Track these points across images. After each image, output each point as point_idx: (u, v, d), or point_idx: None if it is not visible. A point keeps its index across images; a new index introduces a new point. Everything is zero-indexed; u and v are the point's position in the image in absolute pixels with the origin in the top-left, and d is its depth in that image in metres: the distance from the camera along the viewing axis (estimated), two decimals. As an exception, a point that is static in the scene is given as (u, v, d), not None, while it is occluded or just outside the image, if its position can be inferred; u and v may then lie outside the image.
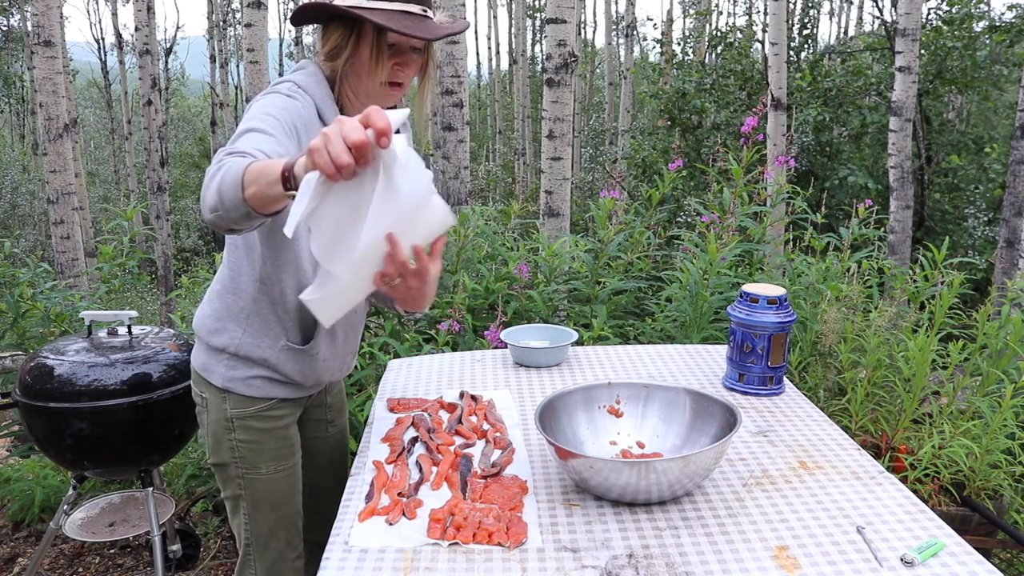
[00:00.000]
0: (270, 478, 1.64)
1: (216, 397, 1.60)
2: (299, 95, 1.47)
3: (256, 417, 1.60)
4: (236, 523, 1.69)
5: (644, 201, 3.57)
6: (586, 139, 17.94)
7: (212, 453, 1.64)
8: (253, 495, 1.64)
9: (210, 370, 1.60)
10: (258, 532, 1.66)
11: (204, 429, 1.65)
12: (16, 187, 15.57)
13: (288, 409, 1.65)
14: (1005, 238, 5.27)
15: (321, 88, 1.51)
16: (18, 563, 2.84)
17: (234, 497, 1.66)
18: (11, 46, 16.52)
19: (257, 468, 1.62)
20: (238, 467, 1.62)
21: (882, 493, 1.41)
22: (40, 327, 3.24)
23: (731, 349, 1.89)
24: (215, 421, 1.61)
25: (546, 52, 4.28)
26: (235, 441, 1.61)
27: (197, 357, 1.65)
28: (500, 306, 2.90)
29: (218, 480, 1.68)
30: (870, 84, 8.89)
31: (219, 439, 1.62)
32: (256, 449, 1.62)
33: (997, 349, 2.36)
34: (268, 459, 1.63)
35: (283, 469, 1.65)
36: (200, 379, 1.63)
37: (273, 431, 1.63)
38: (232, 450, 1.61)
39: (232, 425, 1.60)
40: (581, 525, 1.31)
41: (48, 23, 5.31)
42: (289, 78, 1.52)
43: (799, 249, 3.17)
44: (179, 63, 27.18)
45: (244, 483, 1.63)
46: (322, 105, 1.50)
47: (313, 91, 1.50)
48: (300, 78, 1.51)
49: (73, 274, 5.44)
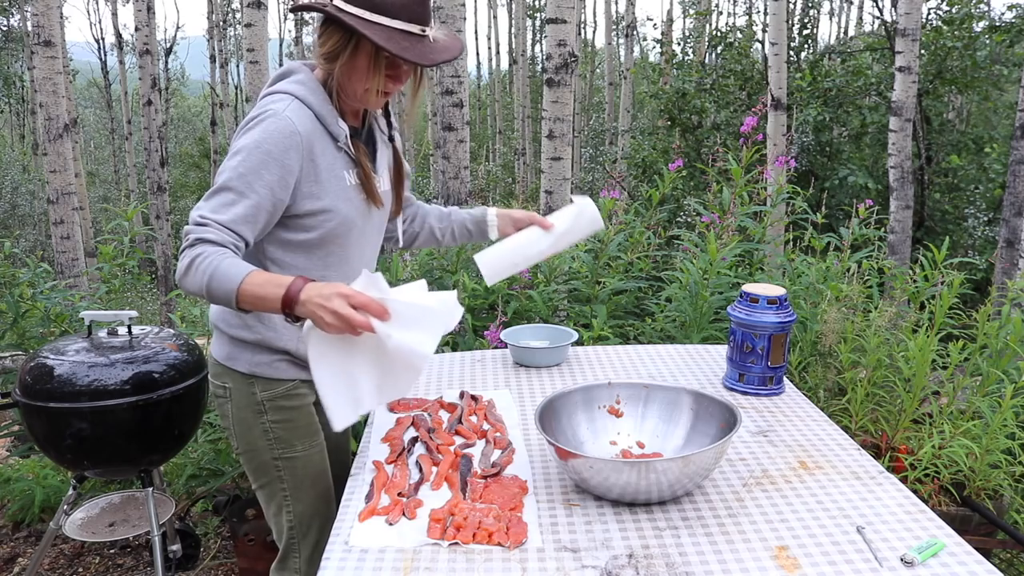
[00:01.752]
0: (307, 455, 1.66)
1: (243, 384, 1.62)
2: (294, 113, 1.47)
3: (285, 396, 1.63)
4: (273, 511, 1.69)
5: (644, 201, 3.57)
6: (586, 139, 17.94)
7: (241, 441, 1.66)
8: (293, 474, 1.65)
9: (235, 358, 1.62)
10: (301, 513, 1.68)
11: (229, 420, 1.66)
12: (16, 187, 15.57)
13: (309, 389, 1.66)
14: (1005, 238, 5.27)
15: (317, 95, 1.52)
16: (18, 563, 2.84)
17: (270, 483, 1.67)
18: (11, 46, 16.53)
19: (293, 446, 1.65)
20: (273, 449, 1.64)
21: (882, 493, 1.41)
22: (40, 327, 3.24)
23: (731, 349, 1.89)
24: (243, 407, 1.63)
25: (546, 52, 4.28)
26: (268, 423, 1.63)
27: (219, 348, 1.66)
28: (500, 306, 2.90)
29: (250, 471, 1.69)
30: (870, 84, 8.89)
31: (249, 425, 1.63)
32: (290, 427, 1.64)
33: (997, 349, 2.36)
34: (302, 435, 1.66)
35: (316, 444, 1.69)
36: (224, 370, 1.64)
37: (302, 408, 1.66)
38: (265, 433, 1.63)
39: (263, 407, 1.62)
40: (581, 525, 1.31)
41: (48, 23, 5.31)
42: (284, 90, 1.51)
43: (799, 249, 3.17)
44: (179, 63, 27.19)
45: (282, 464, 1.65)
46: (321, 112, 1.51)
47: (309, 100, 1.50)
48: (295, 89, 1.51)
49: (73, 274, 5.44)
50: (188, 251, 1.38)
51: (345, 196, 1.55)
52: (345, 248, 1.60)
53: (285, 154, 1.44)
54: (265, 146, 1.43)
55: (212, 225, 1.39)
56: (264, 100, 1.53)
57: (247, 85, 6.01)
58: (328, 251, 1.57)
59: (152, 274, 10.94)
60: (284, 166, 1.45)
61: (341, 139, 1.54)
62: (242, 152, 1.44)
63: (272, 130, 1.44)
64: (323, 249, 1.57)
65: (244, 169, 1.42)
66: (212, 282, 1.35)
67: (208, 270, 1.34)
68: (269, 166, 1.43)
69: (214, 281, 1.34)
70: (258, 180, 1.43)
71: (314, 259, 1.57)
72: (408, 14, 1.44)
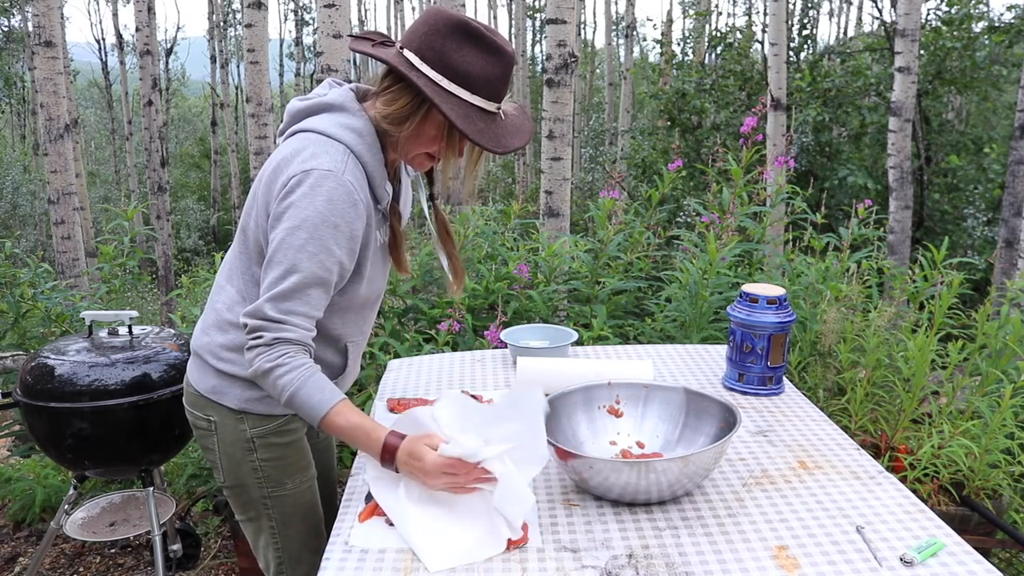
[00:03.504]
0: (296, 492, 1.57)
1: (230, 419, 1.50)
2: (352, 175, 1.34)
3: (276, 433, 1.52)
4: (261, 544, 1.61)
5: (644, 201, 3.57)
6: (586, 139, 17.94)
7: (228, 476, 1.55)
8: (281, 512, 1.57)
9: (222, 392, 1.49)
10: (289, 548, 1.59)
11: (215, 454, 1.54)
12: (17, 187, 15.57)
13: (301, 422, 1.57)
14: (1004, 238, 5.27)
15: (374, 153, 1.39)
16: (19, 563, 2.85)
17: (257, 518, 1.58)
18: (12, 46, 16.53)
19: (283, 484, 1.55)
20: (262, 487, 1.54)
21: (881, 493, 1.41)
22: (41, 327, 3.24)
23: (731, 349, 1.90)
24: (231, 444, 1.51)
25: (546, 52, 4.28)
26: (257, 461, 1.52)
27: (202, 380, 1.52)
28: (500, 306, 2.90)
29: (235, 504, 1.59)
30: (869, 84, 8.90)
31: (237, 461, 1.52)
32: (280, 465, 1.54)
33: (996, 349, 2.36)
34: (292, 472, 1.56)
35: (306, 480, 1.59)
36: (207, 402, 1.51)
37: (293, 444, 1.55)
38: (255, 471, 1.53)
39: (253, 445, 1.51)
40: (581, 525, 1.31)
41: (49, 24, 5.31)
42: (339, 138, 1.36)
43: (799, 249, 3.17)
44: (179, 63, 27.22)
45: (271, 502, 1.55)
46: (373, 173, 1.40)
47: (366, 158, 1.38)
48: (352, 140, 1.37)
49: (74, 274, 5.45)
50: (265, 353, 1.31)
51: (375, 258, 1.46)
52: (368, 303, 1.53)
53: (352, 225, 1.33)
54: (332, 219, 1.31)
55: (289, 322, 1.31)
56: (311, 141, 1.36)
57: (247, 85, 6.01)
58: (351, 310, 1.49)
59: (152, 274, 10.93)
60: (352, 238, 1.34)
61: (384, 203, 1.44)
62: (306, 227, 1.30)
63: (337, 199, 1.31)
64: (346, 308, 1.48)
65: (314, 248, 1.30)
66: (293, 399, 1.31)
67: (290, 388, 1.30)
68: (339, 240, 1.32)
69: (296, 399, 1.31)
70: (329, 258, 1.32)
71: (337, 315, 1.47)
72: (489, 91, 1.33)
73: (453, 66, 1.30)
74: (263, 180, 1.39)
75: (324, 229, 1.30)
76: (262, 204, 1.38)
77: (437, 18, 1.33)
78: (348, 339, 1.54)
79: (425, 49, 1.31)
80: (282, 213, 1.32)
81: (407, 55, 1.32)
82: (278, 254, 1.32)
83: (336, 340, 1.53)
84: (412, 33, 1.34)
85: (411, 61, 1.31)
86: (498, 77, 1.34)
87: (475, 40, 1.31)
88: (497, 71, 1.34)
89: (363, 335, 1.59)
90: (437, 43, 1.31)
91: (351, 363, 1.58)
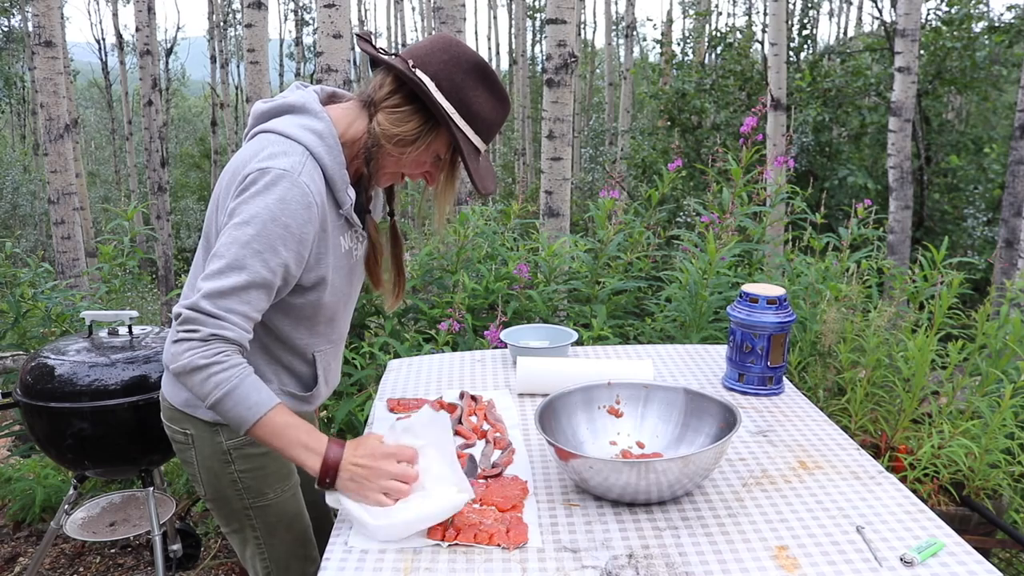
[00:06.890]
0: (279, 501, 1.56)
1: (206, 432, 1.48)
2: (310, 177, 1.31)
3: (253, 443, 1.49)
4: (248, 555, 1.59)
5: (644, 201, 3.58)
6: (586, 139, 17.94)
7: (208, 489, 1.53)
8: (265, 523, 1.55)
9: (195, 405, 1.47)
10: (276, 557, 1.58)
11: (194, 467, 1.52)
12: (17, 187, 15.58)
13: None
14: (1004, 238, 5.28)
15: (334, 155, 1.36)
16: (19, 563, 2.85)
17: (241, 530, 1.57)
18: (12, 47, 16.54)
19: (264, 494, 1.53)
20: (243, 498, 1.52)
21: (881, 493, 1.41)
22: (41, 327, 3.25)
23: (731, 349, 1.90)
24: (208, 456, 1.50)
25: (546, 52, 4.28)
26: (236, 473, 1.50)
27: (175, 393, 1.49)
28: (500, 306, 2.90)
29: (218, 516, 1.58)
30: (869, 84, 8.90)
31: (216, 474, 1.51)
32: (260, 476, 1.52)
33: (996, 349, 2.36)
34: (273, 482, 1.54)
35: (289, 488, 1.58)
36: (181, 415, 1.49)
37: (271, 453, 1.50)
38: (234, 483, 1.51)
39: (230, 457, 1.49)
40: (581, 525, 1.31)
41: (49, 24, 5.31)
42: (298, 139, 1.34)
43: (799, 249, 3.18)
44: (179, 63, 27.23)
45: (253, 513, 1.54)
46: (333, 176, 1.37)
47: (325, 161, 1.35)
48: (311, 142, 1.34)
49: (74, 274, 5.45)
50: (199, 349, 1.25)
51: (338, 264, 1.44)
52: (334, 313, 1.50)
53: (303, 228, 1.31)
54: (283, 219, 1.28)
55: (227, 319, 1.27)
56: (270, 142, 1.34)
57: (247, 85, 6.01)
58: (316, 319, 1.47)
59: (152, 274, 10.94)
60: (301, 241, 1.32)
61: (346, 207, 1.40)
62: (254, 223, 1.27)
63: (290, 199, 1.28)
64: (310, 316, 1.46)
65: (260, 246, 1.27)
66: (225, 400, 1.25)
67: (224, 386, 1.25)
68: (287, 242, 1.29)
69: (228, 400, 1.25)
70: (275, 258, 1.29)
71: (301, 324, 1.46)
72: (486, 134, 1.37)
73: (467, 104, 1.33)
74: (223, 182, 1.37)
75: (273, 227, 1.28)
76: (223, 206, 1.36)
77: (459, 52, 1.35)
78: (315, 349, 1.51)
79: (443, 79, 1.33)
80: (234, 209, 1.30)
81: (421, 76, 1.32)
82: (223, 248, 1.28)
83: (303, 351, 1.50)
84: (427, 55, 1.34)
85: (427, 87, 1.32)
86: (497, 123, 1.38)
87: (489, 84, 1.36)
88: (499, 118, 1.39)
89: (332, 344, 1.56)
90: (457, 77, 1.33)
91: (321, 373, 1.55)
